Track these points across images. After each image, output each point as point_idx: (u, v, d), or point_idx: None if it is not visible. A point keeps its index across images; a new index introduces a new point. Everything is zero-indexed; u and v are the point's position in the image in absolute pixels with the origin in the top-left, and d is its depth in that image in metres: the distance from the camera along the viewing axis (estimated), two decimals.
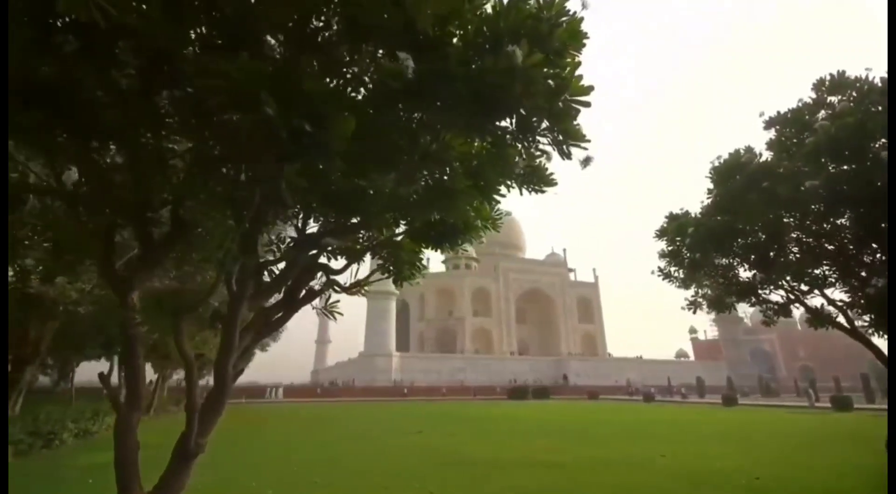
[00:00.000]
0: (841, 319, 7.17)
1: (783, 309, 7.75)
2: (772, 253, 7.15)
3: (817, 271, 7.09)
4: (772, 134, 7.16)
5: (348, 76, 2.78)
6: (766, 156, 7.03)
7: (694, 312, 7.88)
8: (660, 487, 7.25)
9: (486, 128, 2.65)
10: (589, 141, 3.08)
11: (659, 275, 8.40)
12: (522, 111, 2.64)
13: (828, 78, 6.46)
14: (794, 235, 7.16)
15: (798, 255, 7.17)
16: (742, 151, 7.16)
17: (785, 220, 6.85)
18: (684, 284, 8.15)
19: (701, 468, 8.71)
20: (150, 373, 22.47)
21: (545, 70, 2.60)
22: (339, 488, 7.29)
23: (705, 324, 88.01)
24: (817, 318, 7.28)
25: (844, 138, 5.89)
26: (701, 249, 7.65)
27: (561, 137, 3.12)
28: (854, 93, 6.17)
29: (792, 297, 7.53)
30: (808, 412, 26.11)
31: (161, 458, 2.98)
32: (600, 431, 15.79)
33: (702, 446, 11.73)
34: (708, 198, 7.73)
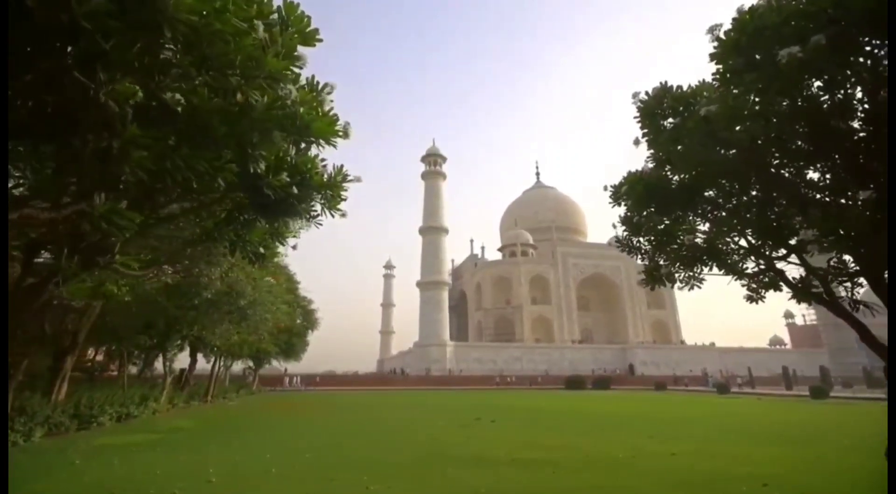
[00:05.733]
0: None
1: (773, 284, 6.00)
2: (771, 216, 5.50)
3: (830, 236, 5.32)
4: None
5: None
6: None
7: (652, 288, 6.42)
8: (643, 491, 6.25)
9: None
10: (313, 45, 2.42)
11: (617, 246, 6.96)
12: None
13: None
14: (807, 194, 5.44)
15: (798, 215, 5.43)
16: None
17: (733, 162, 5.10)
18: (649, 257, 6.58)
19: (709, 470, 7.43)
20: (202, 362, 24.45)
21: None
22: (291, 479, 7.14)
23: (803, 308, 77.64)
24: (803, 292, 5.56)
25: (746, 44, 4.27)
26: (644, 210, 6.19)
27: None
28: None
29: (763, 265, 5.76)
30: None
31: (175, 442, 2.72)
32: (630, 425, 14.33)
33: (733, 445, 10.11)
34: (648, 149, 6.11)
